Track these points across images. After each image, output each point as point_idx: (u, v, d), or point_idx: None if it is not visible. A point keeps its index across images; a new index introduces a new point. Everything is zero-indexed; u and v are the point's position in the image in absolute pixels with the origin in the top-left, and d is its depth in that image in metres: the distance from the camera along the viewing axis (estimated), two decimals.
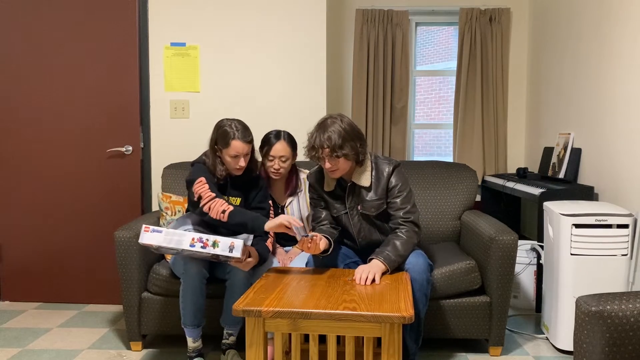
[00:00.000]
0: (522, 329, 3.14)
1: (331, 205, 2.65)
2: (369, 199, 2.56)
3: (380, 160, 2.60)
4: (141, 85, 3.53)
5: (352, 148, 2.44)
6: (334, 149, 2.40)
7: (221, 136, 2.62)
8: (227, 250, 2.35)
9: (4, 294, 3.64)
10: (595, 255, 2.72)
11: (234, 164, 2.63)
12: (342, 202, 2.62)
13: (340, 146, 2.40)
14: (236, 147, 2.58)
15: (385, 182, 2.55)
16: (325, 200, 2.66)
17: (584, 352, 1.66)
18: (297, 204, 2.93)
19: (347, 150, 2.42)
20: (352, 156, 2.46)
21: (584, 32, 3.38)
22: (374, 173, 2.57)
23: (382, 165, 2.58)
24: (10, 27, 3.50)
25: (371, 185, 2.56)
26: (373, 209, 2.56)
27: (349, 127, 2.46)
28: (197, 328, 2.56)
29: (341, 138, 2.41)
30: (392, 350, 1.92)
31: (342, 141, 2.41)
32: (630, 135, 2.87)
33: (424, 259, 2.47)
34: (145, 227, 2.36)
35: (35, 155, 3.54)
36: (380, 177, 2.56)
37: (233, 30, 3.58)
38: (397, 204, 2.55)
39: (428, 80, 6.43)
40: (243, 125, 2.65)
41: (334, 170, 2.48)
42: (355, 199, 2.59)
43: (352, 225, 2.63)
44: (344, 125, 2.44)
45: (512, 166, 4.43)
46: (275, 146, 2.82)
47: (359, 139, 2.49)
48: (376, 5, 4.29)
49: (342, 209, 2.62)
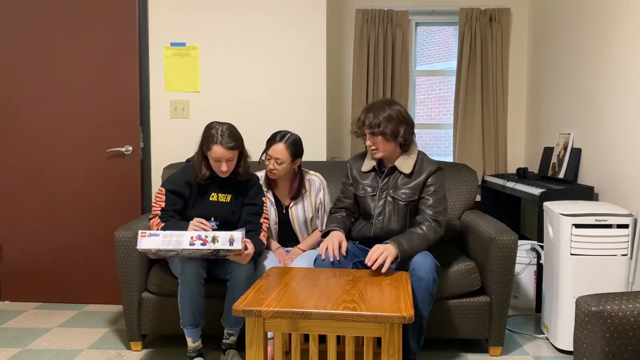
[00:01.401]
0: (522, 329, 3.14)
1: (361, 186, 2.72)
2: (403, 186, 2.64)
3: (427, 158, 2.70)
4: (141, 85, 3.54)
5: (392, 130, 2.55)
6: (372, 126, 2.55)
7: (206, 139, 2.64)
8: (227, 244, 2.36)
9: (4, 294, 3.64)
10: (595, 255, 2.72)
11: (217, 167, 2.65)
12: (375, 182, 2.69)
13: (379, 124, 2.54)
14: (217, 152, 2.59)
15: (424, 178, 2.64)
16: (356, 182, 2.74)
17: (584, 352, 1.66)
18: (302, 206, 2.94)
19: (387, 129, 2.54)
20: (391, 137, 2.56)
21: (584, 32, 3.38)
22: (417, 166, 2.66)
23: (427, 163, 2.67)
24: (10, 27, 3.50)
25: (411, 174, 2.64)
26: (404, 195, 2.63)
27: (397, 111, 2.58)
28: (196, 328, 2.56)
29: (384, 118, 2.54)
30: (392, 351, 1.92)
31: (385, 121, 2.54)
32: (630, 135, 2.87)
33: (432, 259, 2.47)
34: (142, 232, 2.34)
35: (35, 155, 3.54)
36: (422, 172, 2.65)
37: (233, 30, 3.58)
38: (429, 201, 2.62)
39: (428, 80, 6.43)
40: (231, 131, 2.63)
41: (375, 149, 2.60)
42: (389, 182, 2.67)
43: (375, 207, 2.67)
44: (390, 108, 2.57)
45: (512, 166, 4.43)
46: (274, 147, 2.81)
47: (404, 124, 2.58)
48: (376, 5, 4.29)
49: (371, 191, 2.69)
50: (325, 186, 2.99)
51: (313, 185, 2.96)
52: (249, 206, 2.77)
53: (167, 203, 2.68)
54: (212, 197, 2.72)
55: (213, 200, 2.72)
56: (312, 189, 2.95)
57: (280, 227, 2.97)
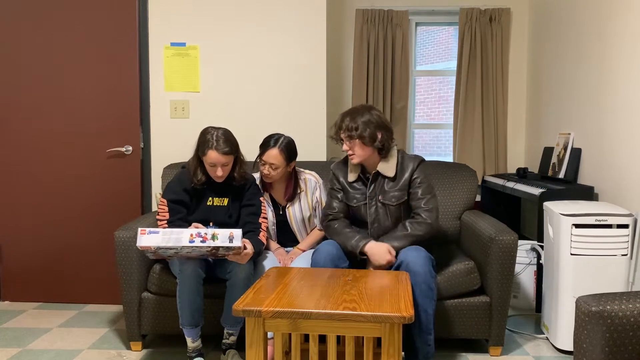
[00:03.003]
0: (522, 329, 3.14)
1: (351, 196, 2.71)
2: (390, 189, 2.64)
3: (406, 156, 2.71)
4: (141, 85, 3.53)
5: (370, 134, 2.55)
6: (350, 129, 2.55)
7: (201, 144, 2.66)
8: (227, 240, 2.36)
9: (4, 294, 3.64)
10: (595, 255, 2.72)
11: (212, 172, 2.66)
12: (362, 191, 2.69)
13: (357, 127, 2.54)
14: (211, 157, 2.60)
15: (408, 176, 2.65)
16: (346, 191, 2.73)
17: (584, 352, 1.66)
18: (299, 205, 2.94)
19: (365, 133, 2.54)
20: (369, 141, 2.56)
21: (584, 32, 3.38)
22: (399, 166, 2.67)
23: (408, 160, 2.68)
24: (9, 28, 3.50)
25: (395, 177, 2.65)
26: (394, 199, 2.64)
27: (375, 116, 2.59)
28: (196, 328, 2.56)
29: (362, 122, 2.54)
30: (392, 351, 1.92)
31: (363, 124, 2.54)
32: (631, 135, 2.87)
33: (425, 253, 2.48)
34: (142, 230, 2.34)
35: (35, 155, 3.54)
36: (405, 170, 2.66)
37: (233, 30, 3.58)
38: (417, 194, 2.64)
39: (428, 80, 6.43)
40: (226, 136, 2.64)
41: (352, 154, 2.60)
42: (376, 189, 2.67)
43: (369, 215, 2.68)
44: (370, 113, 2.58)
45: (512, 166, 4.42)
46: (268, 152, 2.82)
47: (382, 128, 2.59)
48: (376, 5, 4.29)
49: (362, 199, 2.69)
50: (321, 184, 2.99)
51: (309, 184, 2.97)
52: (247, 207, 2.78)
53: (171, 213, 2.70)
54: (209, 201, 2.74)
55: (210, 205, 2.74)
56: (307, 188, 2.96)
57: (278, 228, 2.97)
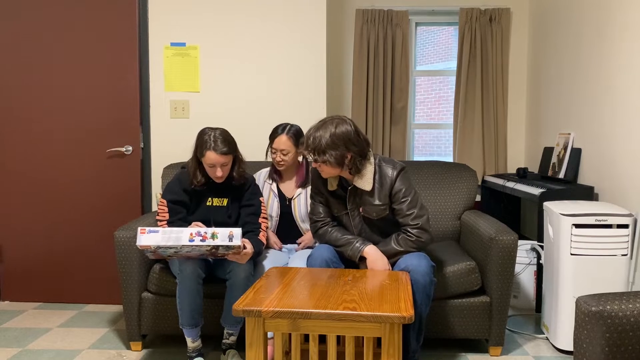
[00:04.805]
0: (522, 329, 3.14)
1: (332, 205, 2.65)
2: (371, 202, 2.55)
3: (384, 164, 2.55)
4: (141, 85, 3.53)
5: (336, 155, 2.40)
6: (315, 152, 2.42)
7: (199, 145, 2.66)
8: (226, 239, 2.36)
9: (4, 294, 3.64)
10: (595, 255, 2.72)
11: (211, 173, 2.67)
12: (343, 203, 2.62)
13: (321, 151, 2.40)
14: (210, 158, 2.61)
15: (389, 187, 2.52)
16: (327, 199, 2.66)
17: (584, 352, 1.66)
18: (305, 197, 2.98)
19: (328, 157, 2.40)
20: (334, 163, 2.42)
21: (584, 32, 3.38)
22: (377, 177, 2.53)
23: (386, 169, 2.54)
24: (9, 28, 3.50)
25: (373, 190, 2.53)
26: (375, 213, 2.56)
27: (341, 133, 2.40)
28: (195, 328, 2.56)
29: (325, 144, 2.39)
30: (392, 351, 1.92)
31: (325, 147, 2.39)
32: (630, 135, 2.87)
33: (427, 261, 2.46)
34: (142, 229, 2.35)
35: (35, 155, 3.54)
36: (384, 182, 2.53)
37: (233, 30, 3.58)
38: (403, 211, 2.52)
39: (428, 80, 6.43)
40: (224, 136, 2.64)
41: (320, 171, 2.50)
42: (357, 201, 2.58)
43: (353, 226, 2.63)
44: (335, 131, 2.40)
45: (512, 166, 4.42)
46: (278, 139, 2.91)
47: (352, 145, 2.43)
48: (376, 5, 4.29)
49: (343, 210, 2.62)
50: None
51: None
52: (247, 207, 2.79)
53: (171, 213, 2.71)
54: (209, 202, 2.75)
55: (210, 205, 2.74)
56: None
57: (283, 220, 2.99)
